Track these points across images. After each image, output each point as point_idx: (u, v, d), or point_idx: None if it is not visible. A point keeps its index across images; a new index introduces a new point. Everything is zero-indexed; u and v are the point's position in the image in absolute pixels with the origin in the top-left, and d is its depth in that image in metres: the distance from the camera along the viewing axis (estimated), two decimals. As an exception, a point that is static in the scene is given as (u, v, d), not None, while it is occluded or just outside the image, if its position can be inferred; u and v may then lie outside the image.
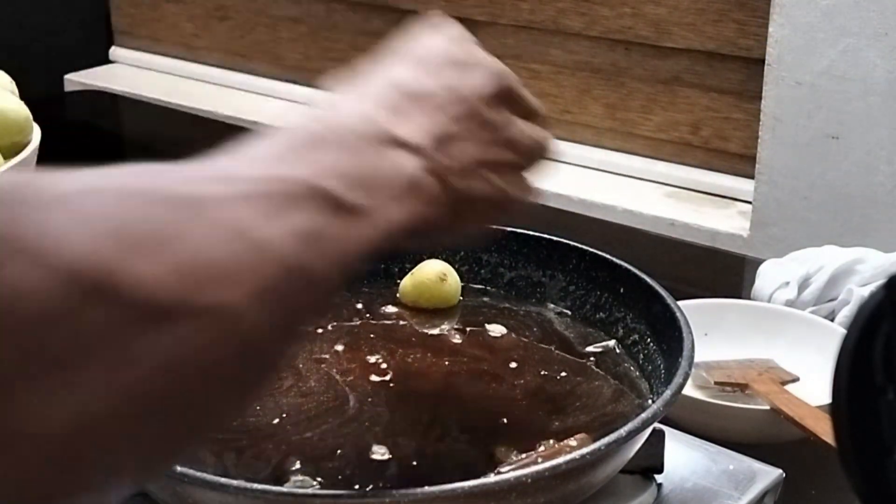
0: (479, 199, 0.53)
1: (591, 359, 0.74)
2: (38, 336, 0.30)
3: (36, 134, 0.98)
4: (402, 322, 0.80)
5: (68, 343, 0.30)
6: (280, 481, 0.60)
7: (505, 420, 0.66)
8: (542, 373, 0.72)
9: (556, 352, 0.76)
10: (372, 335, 0.77)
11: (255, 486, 0.54)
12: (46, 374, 0.30)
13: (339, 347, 0.75)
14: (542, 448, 0.62)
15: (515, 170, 0.56)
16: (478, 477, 0.59)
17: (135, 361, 0.32)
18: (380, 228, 0.45)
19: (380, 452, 0.62)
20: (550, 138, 0.59)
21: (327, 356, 0.74)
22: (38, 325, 0.30)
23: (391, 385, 0.70)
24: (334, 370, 0.73)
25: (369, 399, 0.69)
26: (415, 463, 0.62)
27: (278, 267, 0.39)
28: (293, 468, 0.61)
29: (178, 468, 0.56)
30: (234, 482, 0.54)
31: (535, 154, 0.57)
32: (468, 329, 0.78)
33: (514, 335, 0.77)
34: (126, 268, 0.32)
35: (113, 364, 0.31)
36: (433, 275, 0.81)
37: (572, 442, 0.62)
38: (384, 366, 0.73)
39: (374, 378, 0.71)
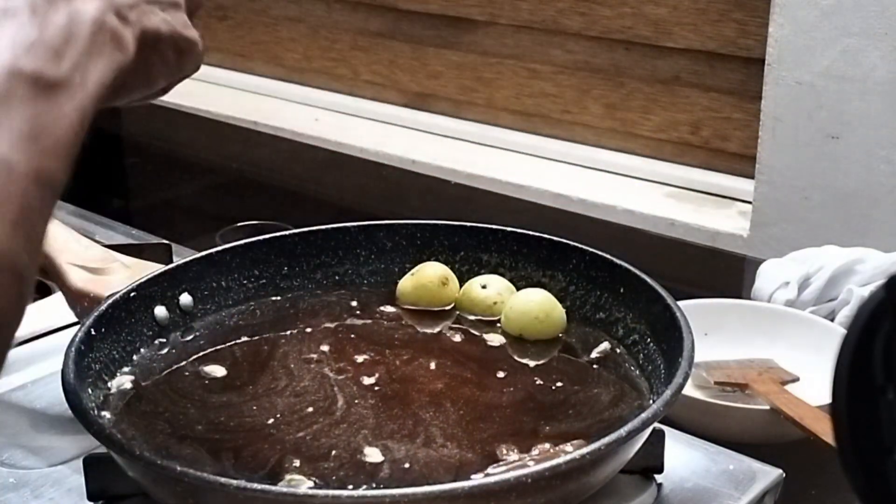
0: (160, 38, 0.53)
1: (595, 366, 0.73)
2: None
3: None
4: (400, 322, 0.79)
5: None
6: (276, 480, 0.60)
7: (501, 423, 0.66)
8: (537, 382, 0.72)
9: (557, 355, 0.76)
10: (368, 335, 0.77)
11: (254, 485, 0.54)
12: None
13: (336, 346, 0.75)
14: (536, 451, 0.62)
15: (177, 9, 0.56)
16: (471, 478, 0.59)
17: None
18: (88, 93, 0.46)
19: (372, 454, 0.62)
20: None
21: (322, 356, 0.74)
22: None
23: (387, 385, 0.70)
24: (327, 369, 0.73)
25: (356, 400, 0.68)
26: (407, 465, 0.61)
27: (25, 184, 0.40)
28: (290, 467, 0.61)
29: (178, 468, 0.56)
30: (234, 482, 0.54)
31: None
32: (467, 331, 0.78)
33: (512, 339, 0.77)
34: None
35: None
36: (435, 278, 0.81)
37: (568, 447, 0.62)
38: (378, 366, 0.73)
39: (367, 379, 0.71)
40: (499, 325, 0.78)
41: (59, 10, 0.47)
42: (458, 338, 0.77)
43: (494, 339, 0.77)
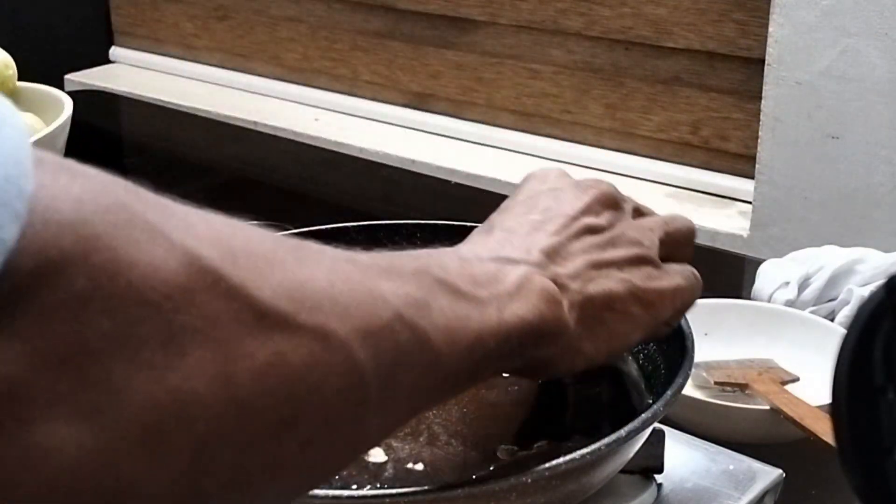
0: (614, 299, 0.54)
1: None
2: (153, 311, 0.30)
3: (67, 106, 1.01)
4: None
5: (180, 323, 0.31)
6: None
7: (502, 422, 0.66)
8: (540, 381, 0.72)
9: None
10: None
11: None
12: (157, 348, 0.30)
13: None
14: (535, 450, 0.62)
15: (642, 263, 0.56)
16: (472, 478, 0.59)
17: (235, 357, 0.32)
18: (500, 316, 0.46)
19: (374, 453, 0.62)
20: (669, 226, 0.62)
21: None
22: (154, 301, 0.30)
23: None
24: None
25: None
26: (410, 465, 0.61)
27: (388, 315, 0.39)
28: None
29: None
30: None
31: (656, 241, 0.59)
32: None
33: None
34: (241, 272, 0.33)
35: (215, 354, 0.32)
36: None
37: (569, 445, 0.62)
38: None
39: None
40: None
41: (488, 266, 0.49)
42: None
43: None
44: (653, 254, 0.58)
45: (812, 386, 0.82)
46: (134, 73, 2.01)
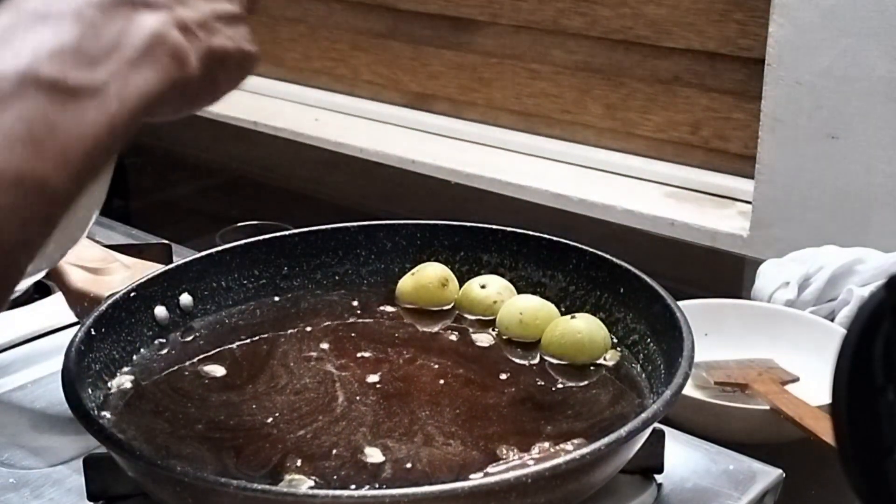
0: (227, 55, 0.52)
1: (595, 366, 0.73)
2: None
3: None
4: (400, 321, 0.80)
5: None
6: (277, 480, 0.60)
7: (501, 423, 0.66)
8: (537, 382, 0.72)
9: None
10: (368, 333, 0.77)
11: (255, 486, 0.54)
12: None
13: (335, 344, 0.75)
14: (536, 451, 0.62)
15: (239, 22, 0.54)
16: (471, 478, 0.59)
17: None
18: (121, 102, 0.44)
19: (373, 454, 0.62)
20: None
21: (322, 353, 0.74)
22: None
23: (388, 384, 0.70)
24: (329, 366, 0.73)
25: (357, 397, 0.69)
26: (408, 465, 0.61)
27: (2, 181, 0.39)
28: (291, 466, 0.61)
29: (178, 468, 0.56)
30: (234, 482, 0.54)
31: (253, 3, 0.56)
32: (466, 331, 0.78)
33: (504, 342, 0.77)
34: None
35: None
36: (435, 279, 0.81)
37: (568, 447, 0.62)
38: (378, 365, 0.73)
39: (368, 377, 0.71)
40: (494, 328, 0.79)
41: (114, 20, 0.45)
42: (455, 337, 0.77)
43: (493, 339, 0.77)
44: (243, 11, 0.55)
45: (812, 386, 0.82)
46: (134, 73, 2.00)
